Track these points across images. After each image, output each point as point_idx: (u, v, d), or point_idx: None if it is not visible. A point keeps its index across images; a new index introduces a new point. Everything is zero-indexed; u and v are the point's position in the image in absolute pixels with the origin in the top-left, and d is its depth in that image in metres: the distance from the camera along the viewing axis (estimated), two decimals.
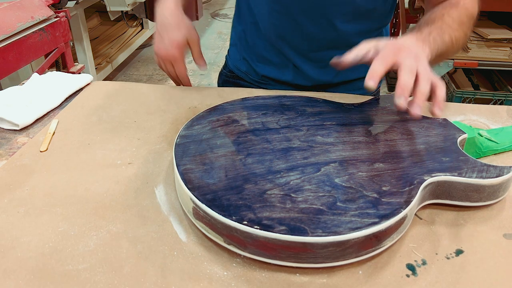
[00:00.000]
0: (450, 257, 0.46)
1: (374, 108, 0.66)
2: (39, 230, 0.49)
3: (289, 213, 0.44)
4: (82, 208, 0.53)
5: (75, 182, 0.57)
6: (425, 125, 0.61)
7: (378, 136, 0.58)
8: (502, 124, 0.70)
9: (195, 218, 0.48)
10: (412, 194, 0.47)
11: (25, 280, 0.43)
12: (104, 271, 0.44)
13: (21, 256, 0.46)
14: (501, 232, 0.49)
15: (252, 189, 0.47)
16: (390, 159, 0.53)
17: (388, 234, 0.44)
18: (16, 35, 1.27)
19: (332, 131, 0.59)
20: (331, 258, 0.43)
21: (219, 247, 0.47)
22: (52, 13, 1.43)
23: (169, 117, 0.73)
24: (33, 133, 0.69)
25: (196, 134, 0.59)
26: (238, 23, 0.90)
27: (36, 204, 0.53)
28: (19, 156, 0.63)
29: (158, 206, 0.53)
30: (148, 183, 0.57)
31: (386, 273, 0.44)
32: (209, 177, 0.50)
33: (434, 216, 0.51)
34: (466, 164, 0.52)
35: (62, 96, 0.79)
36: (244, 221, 0.43)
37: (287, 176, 0.50)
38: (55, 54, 1.45)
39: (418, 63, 0.54)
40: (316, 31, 0.77)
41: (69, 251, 0.46)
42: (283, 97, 0.69)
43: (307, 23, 0.77)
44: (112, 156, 0.63)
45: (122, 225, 0.50)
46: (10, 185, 0.57)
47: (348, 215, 0.44)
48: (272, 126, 0.61)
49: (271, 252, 0.43)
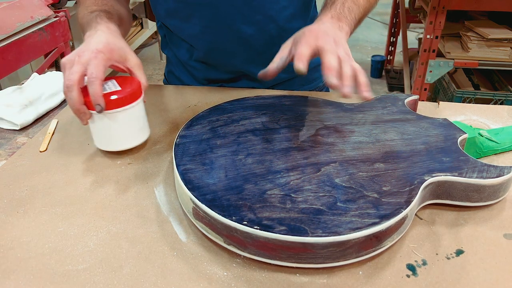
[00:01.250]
0: (450, 257, 0.46)
1: (374, 108, 0.66)
2: (39, 230, 0.49)
3: (289, 213, 0.44)
4: (82, 208, 0.53)
5: (75, 182, 0.57)
6: (425, 125, 0.60)
7: (378, 136, 0.58)
8: (502, 124, 0.70)
9: (195, 218, 0.48)
10: (413, 194, 0.47)
11: (25, 280, 0.43)
12: (103, 271, 0.44)
13: (21, 256, 0.46)
14: (501, 232, 0.49)
15: (252, 189, 0.47)
16: (391, 159, 0.53)
17: (389, 234, 0.44)
18: (15, 35, 1.27)
19: (332, 131, 0.59)
20: (331, 259, 0.43)
21: (219, 247, 0.47)
22: (51, 13, 1.43)
23: (169, 117, 0.73)
24: (33, 133, 0.69)
25: (196, 134, 0.59)
26: (167, 50, 0.88)
27: (36, 204, 0.53)
28: (18, 156, 0.63)
29: (158, 206, 0.53)
30: (148, 183, 0.57)
31: (386, 273, 0.44)
32: (209, 177, 0.49)
33: (435, 216, 0.51)
34: (466, 164, 0.52)
35: (62, 96, 0.79)
36: (244, 221, 0.43)
37: (287, 176, 0.50)
38: (55, 54, 1.45)
39: (338, 47, 0.54)
40: (253, 33, 0.75)
41: (68, 251, 0.46)
42: (283, 97, 0.69)
43: (243, 26, 0.74)
44: (112, 156, 0.62)
45: (121, 225, 0.50)
46: (10, 185, 0.57)
47: (348, 215, 0.44)
48: (272, 126, 0.60)
49: (271, 252, 0.43)
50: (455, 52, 1.84)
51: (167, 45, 0.88)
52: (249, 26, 0.74)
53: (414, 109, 0.70)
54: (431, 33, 1.79)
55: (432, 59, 1.85)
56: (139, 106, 0.61)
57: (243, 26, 0.74)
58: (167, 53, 0.89)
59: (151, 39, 3.40)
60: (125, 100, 0.58)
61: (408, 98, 0.68)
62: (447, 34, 1.93)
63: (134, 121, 0.61)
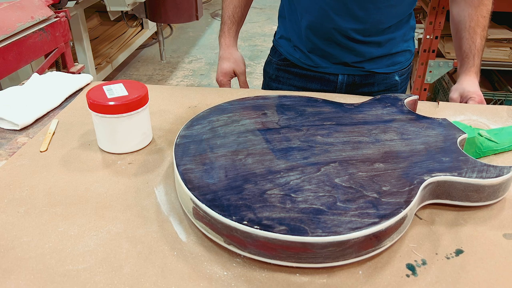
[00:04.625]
0: (450, 257, 0.46)
1: (374, 108, 0.66)
2: (39, 230, 0.49)
3: (289, 213, 0.44)
4: (82, 208, 0.53)
5: (75, 182, 0.57)
6: (425, 125, 0.61)
7: (378, 136, 0.58)
8: (502, 124, 0.70)
9: (195, 218, 0.48)
10: (412, 194, 0.47)
11: (25, 280, 0.43)
12: (104, 271, 0.44)
13: (21, 256, 0.46)
14: (501, 232, 0.49)
15: (252, 189, 0.47)
16: (390, 159, 0.53)
17: (388, 234, 0.44)
18: (16, 35, 1.27)
19: (332, 131, 0.59)
20: (331, 258, 0.43)
21: (219, 247, 0.47)
22: (52, 13, 1.43)
23: (169, 117, 0.73)
24: (33, 133, 0.69)
25: (196, 134, 0.59)
26: (288, 19, 0.93)
27: (36, 204, 0.53)
28: (19, 156, 0.63)
29: (158, 206, 0.53)
30: (148, 183, 0.57)
31: (386, 273, 0.44)
32: (209, 177, 0.50)
33: (434, 216, 0.51)
34: (466, 164, 0.52)
35: (62, 96, 0.79)
36: (244, 221, 0.43)
37: (287, 176, 0.50)
38: (55, 54, 1.45)
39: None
40: (363, 15, 0.82)
41: (69, 251, 0.46)
42: (283, 97, 0.69)
43: (356, 7, 0.81)
44: (112, 156, 0.63)
45: (122, 225, 0.50)
46: (10, 185, 0.57)
47: (348, 215, 0.44)
48: (272, 126, 0.61)
49: (271, 252, 0.43)
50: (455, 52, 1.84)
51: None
52: (360, 11, 0.82)
53: (414, 109, 0.70)
54: (431, 33, 1.79)
55: (432, 59, 1.85)
56: (144, 112, 0.62)
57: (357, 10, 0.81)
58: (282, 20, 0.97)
59: (151, 39, 3.40)
60: (132, 106, 0.59)
61: (408, 98, 0.68)
62: (447, 34, 1.93)
63: (139, 126, 0.62)
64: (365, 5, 0.80)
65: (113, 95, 0.59)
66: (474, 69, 0.87)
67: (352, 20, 0.82)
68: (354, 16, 0.82)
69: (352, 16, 0.82)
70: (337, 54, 0.88)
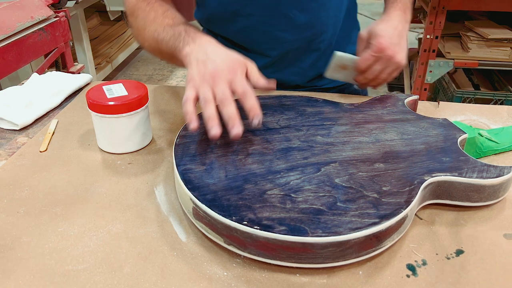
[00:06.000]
0: (450, 257, 0.46)
1: (374, 108, 0.66)
2: (39, 230, 0.49)
3: (289, 213, 0.44)
4: (82, 208, 0.53)
5: (75, 182, 0.57)
6: (425, 125, 0.60)
7: (378, 136, 0.58)
8: (502, 124, 0.70)
9: (195, 218, 0.48)
10: (413, 194, 0.47)
11: (25, 280, 0.43)
12: (103, 271, 0.44)
13: (21, 256, 0.46)
14: (501, 232, 0.49)
15: (252, 189, 0.47)
16: (390, 159, 0.53)
17: (388, 234, 0.44)
18: (15, 35, 1.27)
19: (332, 131, 0.59)
20: (331, 258, 0.43)
21: (219, 248, 0.47)
22: (51, 13, 1.43)
23: (169, 117, 0.73)
24: (33, 133, 0.69)
25: (196, 134, 0.59)
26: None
27: (36, 204, 0.53)
28: (18, 156, 0.63)
29: (158, 206, 0.53)
30: (148, 183, 0.57)
31: (386, 274, 0.44)
32: (209, 177, 0.49)
33: (434, 216, 0.51)
34: (466, 164, 0.52)
35: (62, 96, 0.79)
36: (244, 221, 0.43)
37: (287, 176, 0.50)
38: (55, 54, 1.45)
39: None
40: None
41: (68, 251, 0.46)
42: (283, 97, 0.69)
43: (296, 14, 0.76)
44: (112, 156, 0.63)
45: (122, 225, 0.50)
46: (10, 185, 0.57)
47: (348, 215, 0.44)
48: (272, 126, 0.60)
49: (271, 252, 0.43)
50: (455, 52, 1.84)
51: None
52: (303, 14, 0.76)
53: (414, 109, 0.70)
54: (431, 33, 1.79)
55: (432, 59, 1.85)
56: (144, 112, 0.62)
57: (298, 14, 0.76)
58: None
59: None
60: (132, 106, 0.59)
61: (408, 98, 0.68)
62: (447, 34, 1.93)
63: (139, 126, 0.62)
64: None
65: (113, 95, 0.60)
66: (398, 4, 0.71)
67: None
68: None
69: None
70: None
